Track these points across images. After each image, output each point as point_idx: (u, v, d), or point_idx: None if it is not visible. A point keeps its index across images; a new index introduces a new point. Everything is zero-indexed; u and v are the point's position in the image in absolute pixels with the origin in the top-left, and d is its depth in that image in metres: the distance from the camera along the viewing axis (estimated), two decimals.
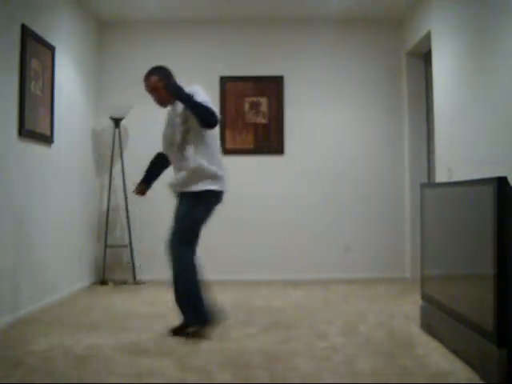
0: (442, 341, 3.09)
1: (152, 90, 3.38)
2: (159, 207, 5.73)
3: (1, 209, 3.63)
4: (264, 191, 5.70)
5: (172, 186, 3.47)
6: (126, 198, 5.55)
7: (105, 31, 5.79)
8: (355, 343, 3.16)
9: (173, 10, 5.49)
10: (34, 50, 4.08)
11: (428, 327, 3.33)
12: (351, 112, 5.79)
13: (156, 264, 5.68)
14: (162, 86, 3.33)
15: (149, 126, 5.77)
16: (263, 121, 5.75)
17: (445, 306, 3.08)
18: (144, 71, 5.72)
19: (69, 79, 4.94)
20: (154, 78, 3.37)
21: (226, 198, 5.70)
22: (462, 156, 4.12)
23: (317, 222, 5.73)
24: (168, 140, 3.43)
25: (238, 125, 5.75)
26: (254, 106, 5.77)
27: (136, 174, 5.75)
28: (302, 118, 5.78)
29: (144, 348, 3.08)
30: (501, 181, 2.44)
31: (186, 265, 3.34)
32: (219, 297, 4.73)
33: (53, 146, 4.51)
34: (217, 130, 3.44)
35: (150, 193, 5.70)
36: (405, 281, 5.48)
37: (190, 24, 5.79)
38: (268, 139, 5.76)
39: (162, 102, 3.41)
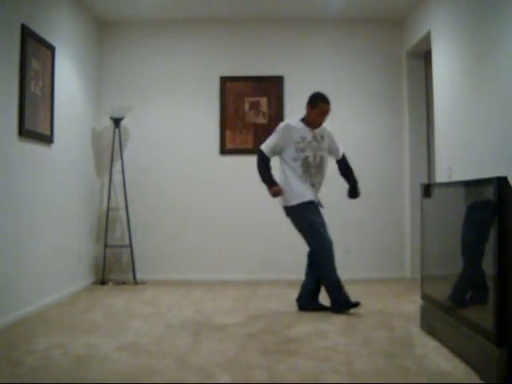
0: (441, 341, 3.09)
1: (326, 115, 4.09)
2: (159, 208, 5.75)
3: (0, 209, 3.63)
4: (264, 191, 5.67)
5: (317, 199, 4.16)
6: (126, 198, 5.55)
7: (105, 31, 5.79)
8: (355, 343, 3.16)
9: (173, 10, 5.49)
10: (34, 50, 4.08)
11: (428, 327, 3.33)
12: (351, 112, 5.79)
13: (156, 264, 5.69)
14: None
15: (149, 126, 5.80)
16: (263, 121, 5.76)
17: (445, 305, 3.08)
18: (144, 71, 5.78)
19: (69, 79, 4.94)
20: (330, 106, 4.08)
21: (226, 198, 5.75)
22: (462, 156, 4.12)
23: None
24: (307, 159, 4.05)
25: (237, 125, 5.75)
26: (254, 106, 5.77)
27: (136, 173, 5.80)
28: None
29: (144, 348, 3.08)
30: (501, 181, 2.44)
31: None
32: (219, 297, 4.75)
33: (53, 146, 4.50)
34: None
35: (150, 193, 5.73)
36: (405, 281, 5.48)
37: (190, 24, 5.79)
38: None
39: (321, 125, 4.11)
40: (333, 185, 5.76)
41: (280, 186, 4.01)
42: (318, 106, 4.03)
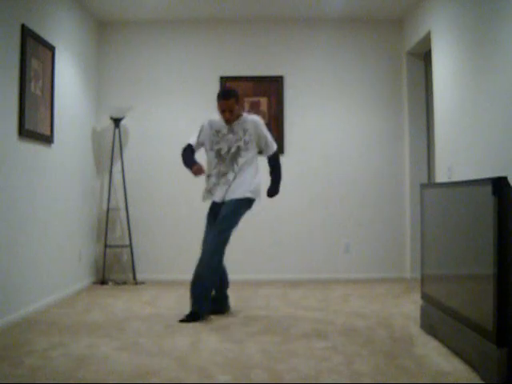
0: (442, 341, 3.09)
1: (229, 110, 3.95)
2: (159, 208, 5.75)
3: (0, 209, 3.63)
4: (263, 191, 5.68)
5: (218, 192, 4.00)
6: (125, 198, 5.56)
7: (105, 31, 5.79)
8: (355, 343, 3.16)
9: (173, 9, 5.49)
10: (34, 49, 4.08)
11: (428, 327, 3.33)
12: (351, 112, 5.79)
13: (156, 264, 5.69)
14: (235, 106, 3.96)
15: (149, 125, 5.80)
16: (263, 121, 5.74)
17: (445, 305, 3.08)
18: (144, 71, 5.78)
19: (69, 79, 4.94)
20: (231, 101, 3.94)
21: None
22: (462, 156, 4.12)
23: (317, 221, 5.73)
24: (219, 151, 4.04)
25: None
26: (254, 106, 5.76)
27: (136, 173, 5.80)
28: (302, 118, 5.78)
29: (144, 348, 3.08)
30: (501, 181, 2.44)
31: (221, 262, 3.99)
32: None
33: (53, 146, 4.51)
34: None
35: (150, 193, 5.73)
36: (405, 281, 5.48)
37: (190, 24, 5.80)
38: None
39: (231, 121, 4.01)
40: (333, 183, 5.80)
41: (201, 165, 3.95)
42: (217, 102, 4.02)
